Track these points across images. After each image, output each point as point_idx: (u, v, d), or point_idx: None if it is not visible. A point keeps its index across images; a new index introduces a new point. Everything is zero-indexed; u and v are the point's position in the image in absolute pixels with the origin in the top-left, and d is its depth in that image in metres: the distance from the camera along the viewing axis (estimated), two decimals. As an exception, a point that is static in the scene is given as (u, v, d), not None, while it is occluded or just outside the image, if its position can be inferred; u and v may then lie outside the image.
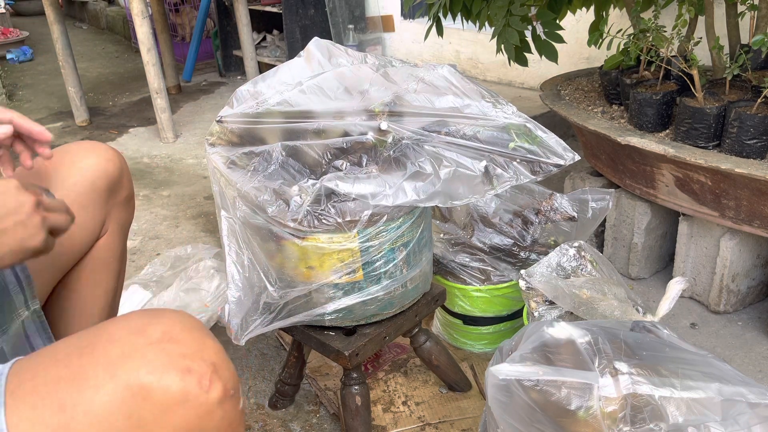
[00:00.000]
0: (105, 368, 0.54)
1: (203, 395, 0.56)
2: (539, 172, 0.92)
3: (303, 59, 1.07)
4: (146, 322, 0.58)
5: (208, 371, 0.56)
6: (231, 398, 0.58)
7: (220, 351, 0.59)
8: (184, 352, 0.56)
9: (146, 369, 0.54)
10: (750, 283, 1.49)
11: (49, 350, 0.59)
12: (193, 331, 0.59)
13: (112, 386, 0.53)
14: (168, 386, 0.54)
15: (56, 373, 0.55)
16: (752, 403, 0.72)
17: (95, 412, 0.53)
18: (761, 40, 1.29)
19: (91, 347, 0.56)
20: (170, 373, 0.54)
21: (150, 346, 0.55)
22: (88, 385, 0.54)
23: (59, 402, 0.53)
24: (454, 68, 1.00)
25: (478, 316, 1.39)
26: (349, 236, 0.94)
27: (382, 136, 0.92)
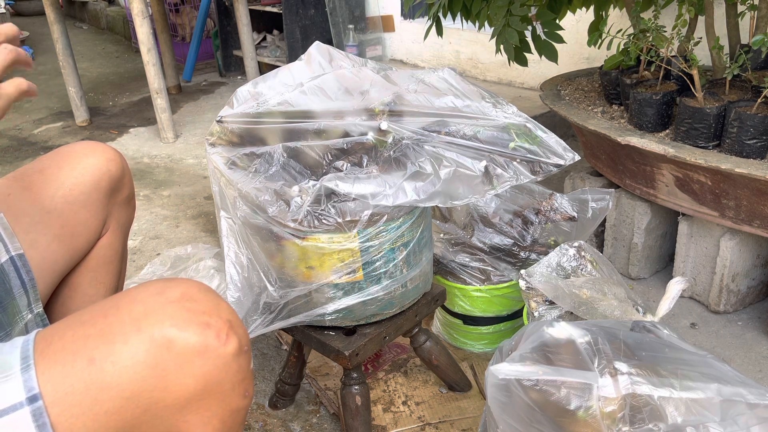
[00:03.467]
0: (131, 324, 0.58)
1: (221, 347, 0.60)
2: (539, 172, 0.92)
3: (304, 62, 1.07)
4: (165, 285, 0.62)
5: (225, 327, 0.61)
6: (245, 353, 0.63)
7: (233, 312, 0.64)
8: (202, 309, 0.61)
9: (169, 323, 0.58)
10: (750, 283, 1.49)
11: (74, 316, 0.62)
12: (208, 293, 0.63)
13: (138, 339, 0.57)
14: (189, 338, 0.59)
15: (83, 332, 0.59)
16: (751, 403, 0.72)
17: (123, 363, 0.57)
18: (761, 40, 1.29)
19: (116, 308, 0.60)
20: (191, 326, 0.59)
21: (171, 304, 0.60)
22: (116, 339, 0.58)
23: (88, 356, 0.57)
24: (453, 71, 1.00)
25: (478, 316, 1.39)
26: (349, 236, 0.94)
27: (382, 136, 0.92)
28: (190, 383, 0.59)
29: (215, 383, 0.61)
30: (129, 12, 4.76)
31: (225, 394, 0.62)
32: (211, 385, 0.60)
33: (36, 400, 0.55)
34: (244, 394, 0.65)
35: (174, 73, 3.85)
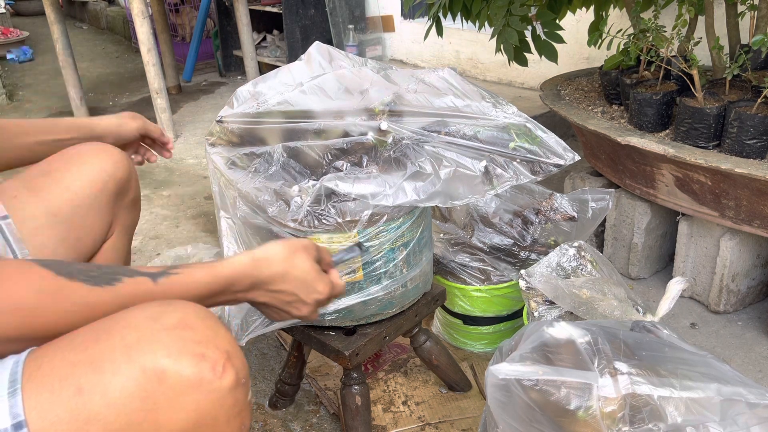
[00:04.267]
0: (122, 352, 0.55)
1: (216, 381, 0.57)
2: (539, 172, 0.92)
3: (304, 62, 1.07)
4: (162, 309, 0.59)
5: (222, 358, 0.58)
6: (242, 386, 0.60)
7: (232, 340, 0.61)
8: (198, 338, 0.57)
9: (162, 353, 0.55)
10: (750, 283, 1.49)
11: (66, 338, 0.59)
12: (206, 320, 0.60)
13: (128, 369, 0.55)
14: (183, 370, 0.55)
15: (74, 357, 0.56)
16: (751, 403, 0.72)
17: (112, 395, 0.54)
18: (761, 40, 1.29)
19: (108, 333, 0.57)
20: (185, 358, 0.56)
21: (166, 332, 0.57)
22: (105, 369, 0.55)
23: (76, 385, 0.54)
24: (454, 71, 1.00)
25: (478, 316, 1.39)
26: (349, 236, 0.94)
27: (382, 136, 0.92)
28: (182, 418, 0.56)
29: (209, 418, 0.58)
30: (129, 12, 4.76)
31: (219, 429, 0.59)
32: (204, 420, 0.57)
33: (21, 428, 0.53)
34: (240, 428, 0.62)
35: (174, 73, 3.85)
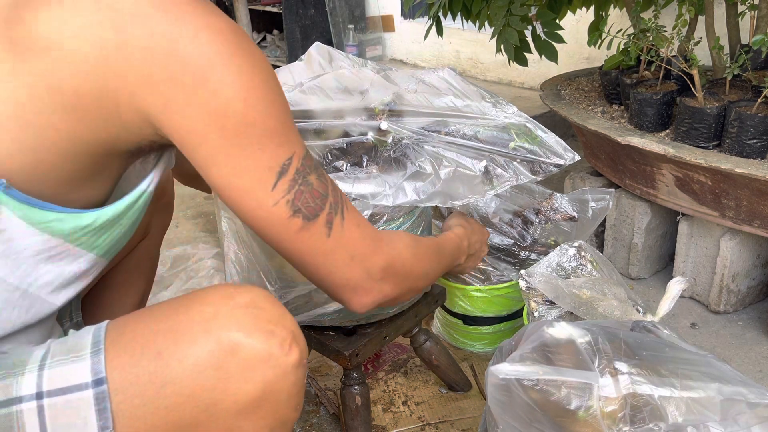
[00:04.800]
0: (200, 324, 0.59)
1: (283, 357, 0.61)
2: (539, 172, 0.92)
3: (304, 62, 1.07)
4: (235, 290, 0.63)
5: (289, 337, 0.62)
6: (303, 366, 0.64)
7: (296, 324, 0.65)
8: (268, 317, 0.61)
9: (236, 327, 0.59)
10: (750, 283, 1.49)
11: (144, 310, 0.64)
12: (275, 303, 0.64)
13: (205, 340, 0.59)
14: (254, 344, 0.59)
15: (155, 326, 0.60)
16: (752, 403, 0.72)
17: (189, 361, 0.58)
18: (761, 40, 1.29)
19: (186, 307, 0.61)
20: (257, 333, 0.60)
21: (240, 309, 0.61)
22: (184, 338, 0.59)
23: (156, 350, 0.58)
24: (453, 71, 1.00)
25: (478, 316, 1.39)
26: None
27: (382, 136, 0.92)
28: (250, 389, 0.60)
29: (273, 392, 0.61)
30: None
31: (280, 404, 0.62)
32: (269, 393, 0.61)
33: (101, 384, 0.57)
34: (296, 407, 0.65)
35: (174, 73, 3.85)
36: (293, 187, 0.65)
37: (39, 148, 0.59)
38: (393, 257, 0.75)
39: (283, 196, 0.65)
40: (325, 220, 0.68)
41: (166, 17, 0.57)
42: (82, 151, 0.61)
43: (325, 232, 0.68)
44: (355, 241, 0.71)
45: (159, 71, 0.57)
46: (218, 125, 0.60)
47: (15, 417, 0.55)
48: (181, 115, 0.59)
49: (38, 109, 0.57)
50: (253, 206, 0.65)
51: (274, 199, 0.64)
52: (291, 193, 0.65)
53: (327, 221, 0.68)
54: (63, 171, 0.61)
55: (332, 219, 0.68)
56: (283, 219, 0.66)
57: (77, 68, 0.57)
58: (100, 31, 0.56)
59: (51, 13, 0.56)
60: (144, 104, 0.59)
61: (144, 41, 0.57)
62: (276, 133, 0.63)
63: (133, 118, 0.60)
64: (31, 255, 0.62)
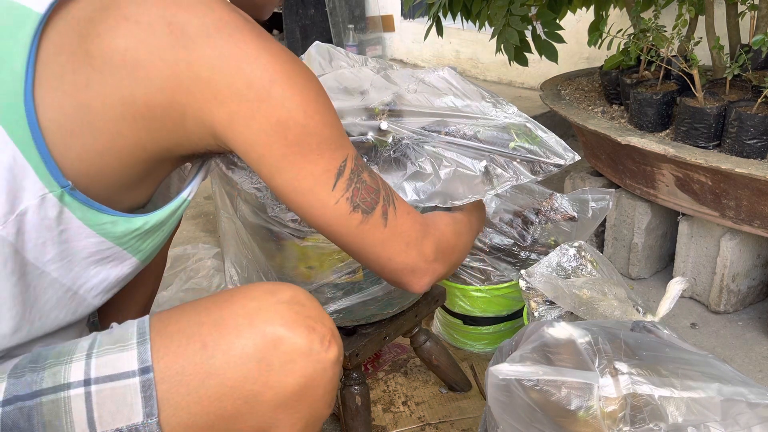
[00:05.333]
0: (244, 318, 0.62)
1: (323, 352, 0.63)
2: (539, 172, 0.92)
3: (304, 62, 1.07)
4: (276, 286, 0.66)
5: (328, 333, 0.64)
6: (339, 363, 0.66)
7: (333, 322, 0.67)
8: (309, 314, 0.64)
9: (279, 322, 0.62)
10: (750, 283, 1.49)
11: (189, 304, 0.66)
12: (314, 301, 0.67)
13: (250, 332, 0.61)
14: (296, 339, 0.62)
15: (199, 319, 0.63)
16: (752, 403, 0.72)
17: (233, 353, 0.60)
18: (761, 40, 1.29)
19: (229, 302, 0.64)
20: (299, 328, 0.62)
21: (282, 304, 0.63)
22: (229, 330, 0.61)
23: (202, 341, 0.61)
24: (454, 70, 1.00)
25: (478, 316, 1.39)
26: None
27: (382, 136, 0.92)
28: (291, 382, 0.62)
29: (312, 386, 0.63)
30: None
31: (316, 399, 0.65)
32: (308, 388, 0.63)
33: (147, 372, 0.59)
34: (330, 404, 0.67)
35: (174, 73, 3.85)
36: (350, 185, 0.70)
37: (105, 153, 0.62)
38: (439, 238, 0.80)
39: (342, 194, 0.69)
40: (381, 212, 0.73)
41: (231, 40, 0.62)
42: (142, 157, 0.65)
43: (382, 222, 0.73)
44: (407, 228, 0.75)
45: (225, 88, 0.62)
46: (281, 135, 0.64)
47: (63, 403, 0.58)
48: (246, 127, 0.64)
49: (109, 117, 0.61)
50: (317, 206, 0.69)
51: (335, 198, 0.69)
52: (349, 191, 0.70)
53: (383, 213, 0.73)
54: (122, 175, 0.65)
55: (387, 210, 0.73)
56: (345, 215, 0.70)
57: (151, 83, 0.61)
58: (172, 50, 0.61)
59: (128, 30, 0.61)
60: (210, 118, 0.63)
61: (212, 61, 0.61)
62: (331, 139, 0.68)
63: (197, 129, 0.64)
64: (84, 257, 0.65)
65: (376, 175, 0.75)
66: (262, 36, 0.65)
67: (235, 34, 0.63)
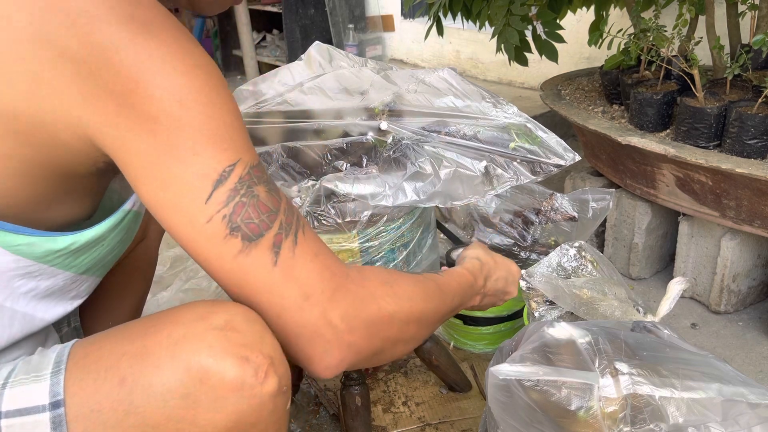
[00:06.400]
0: (167, 347, 0.54)
1: (258, 386, 0.55)
2: (540, 173, 0.92)
3: (304, 62, 1.07)
4: (210, 310, 0.57)
5: (265, 363, 0.56)
6: (283, 394, 0.58)
7: (277, 347, 0.58)
8: (243, 342, 0.55)
9: (207, 352, 0.54)
10: (751, 283, 1.49)
11: (114, 330, 0.59)
12: (253, 324, 0.57)
13: (172, 365, 0.54)
14: (225, 372, 0.54)
15: (121, 349, 0.55)
16: (753, 403, 0.72)
17: (154, 389, 0.54)
18: (762, 39, 1.29)
19: (156, 328, 0.56)
20: (229, 359, 0.54)
21: (212, 331, 0.55)
22: (150, 363, 0.54)
23: (121, 375, 0.54)
24: (454, 71, 1.00)
25: (479, 316, 1.39)
26: (349, 237, 0.94)
27: (381, 137, 0.92)
28: (220, 420, 0.55)
29: (248, 424, 0.56)
30: (129, 12, 4.75)
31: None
32: (242, 424, 0.56)
33: (58, 407, 0.53)
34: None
35: (174, 72, 3.85)
36: (233, 197, 0.55)
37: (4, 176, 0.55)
38: (364, 299, 0.62)
39: (218, 210, 0.54)
40: (272, 242, 0.57)
41: (102, 27, 0.51)
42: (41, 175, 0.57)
43: (270, 257, 0.57)
44: (310, 275, 0.59)
45: (92, 84, 0.51)
46: (149, 132, 0.52)
47: None
48: (113, 128, 0.53)
49: None
50: (183, 224, 0.55)
51: (207, 214, 0.54)
52: (229, 205, 0.55)
53: (273, 243, 0.57)
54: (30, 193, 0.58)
55: (280, 241, 0.57)
56: (218, 239, 0.55)
57: (14, 89, 0.52)
58: (33, 45, 0.51)
59: None
60: (80, 123, 0.53)
61: (78, 53, 0.51)
62: (217, 137, 0.54)
63: (73, 139, 0.54)
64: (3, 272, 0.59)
65: (282, 195, 0.60)
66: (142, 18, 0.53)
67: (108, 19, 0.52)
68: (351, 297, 0.61)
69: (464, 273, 0.86)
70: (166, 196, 0.54)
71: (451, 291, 0.79)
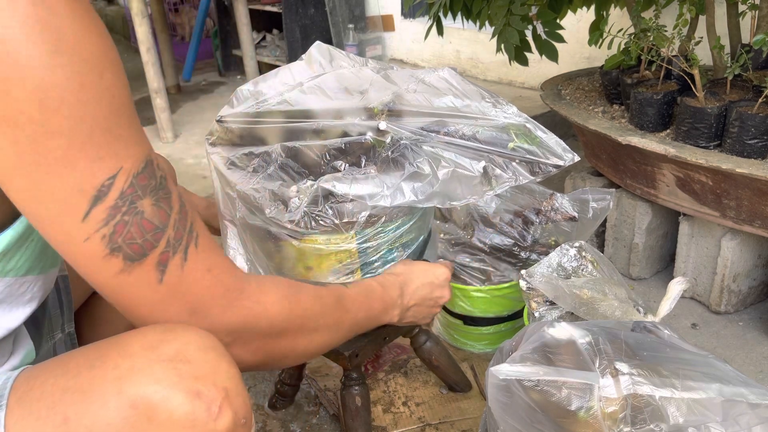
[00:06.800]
0: (112, 383, 0.51)
1: (210, 422, 0.52)
2: (538, 173, 0.92)
3: (304, 62, 1.07)
4: (161, 338, 0.53)
5: (219, 397, 0.53)
6: (241, 427, 0.55)
7: (234, 376, 0.55)
8: (196, 374, 0.52)
9: (154, 388, 0.51)
10: (751, 283, 1.49)
11: (62, 359, 0.55)
12: (208, 352, 0.54)
13: (117, 402, 0.50)
14: (174, 408, 0.51)
15: (65, 383, 0.52)
16: (753, 403, 0.71)
17: (98, 429, 0.50)
18: (762, 39, 1.29)
19: (102, 360, 0.53)
20: (178, 394, 0.51)
21: (161, 364, 0.52)
22: (94, 399, 0.51)
23: (63, 413, 0.50)
24: (454, 70, 1.00)
25: (479, 316, 1.39)
26: (346, 237, 0.93)
27: (380, 137, 0.92)
28: None
29: None
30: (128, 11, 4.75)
31: None
32: None
33: None
34: None
35: (173, 72, 3.85)
36: (114, 217, 0.50)
37: None
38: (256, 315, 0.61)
39: (97, 230, 0.50)
40: (156, 260, 0.53)
41: None
42: None
43: (155, 276, 0.54)
44: (199, 291, 0.57)
45: None
46: (10, 140, 0.45)
47: None
48: None
49: None
50: (63, 241, 0.51)
51: (85, 233, 0.50)
52: (109, 225, 0.50)
53: (159, 262, 0.54)
54: None
55: (167, 260, 0.54)
56: (97, 258, 0.52)
57: None
58: None
59: None
60: None
61: None
62: (91, 143, 0.48)
63: None
64: None
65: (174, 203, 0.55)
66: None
67: None
68: (242, 312, 0.60)
69: (373, 286, 0.85)
70: (40, 210, 0.50)
71: (355, 305, 0.78)
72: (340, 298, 0.75)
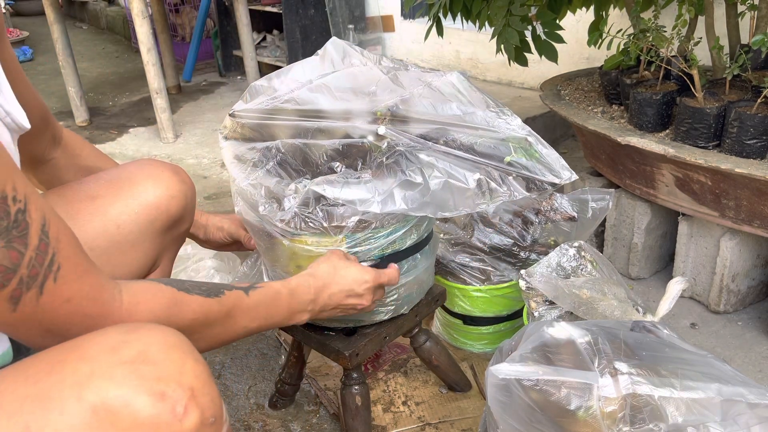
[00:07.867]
0: (72, 388, 0.50)
1: (176, 423, 0.51)
2: (534, 189, 0.91)
3: (319, 57, 1.06)
4: (122, 339, 0.53)
5: (184, 397, 0.52)
6: (210, 426, 0.54)
7: (201, 374, 0.54)
8: (159, 374, 0.51)
9: (115, 391, 0.50)
10: (750, 283, 1.49)
11: (23, 364, 0.54)
12: (172, 351, 0.54)
13: (77, 408, 0.49)
14: (137, 411, 0.50)
15: (25, 391, 0.50)
16: (752, 403, 0.72)
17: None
18: (761, 40, 1.29)
19: (62, 364, 0.52)
20: (141, 396, 0.50)
21: (122, 366, 0.51)
22: (54, 406, 0.49)
23: (24, 423, 0.49)
24: (463, 75, 0.99)
25: (478, 316, 1.39)
26: (335, 240, 0.93)
27: (378, 141, 0.92)
28: None
29: None
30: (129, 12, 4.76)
31: None
32: None
33: None
34: None
35: (174, 73, 3.85)
36: None
37: None
38: None
39: None
40: (8, 296, 0.53)
41: None
42: None
43: (7, 307, 0.54)
44: (56, 317, 0.56)
45: None
46: None
47: None
48: None
49: None
50: None
51: None
52: None
53: (11, 297, 0.53)
54: None
55: (20, 295, 0.53)
56: None
57: None
58: None
59: None
60: None
61: None
62: None
63: None
64: None
65: (28, 242, 0.53)
66: None
67: None
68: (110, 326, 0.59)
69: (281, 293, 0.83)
70: None
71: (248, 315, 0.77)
72: (233, 308, 0.74)
